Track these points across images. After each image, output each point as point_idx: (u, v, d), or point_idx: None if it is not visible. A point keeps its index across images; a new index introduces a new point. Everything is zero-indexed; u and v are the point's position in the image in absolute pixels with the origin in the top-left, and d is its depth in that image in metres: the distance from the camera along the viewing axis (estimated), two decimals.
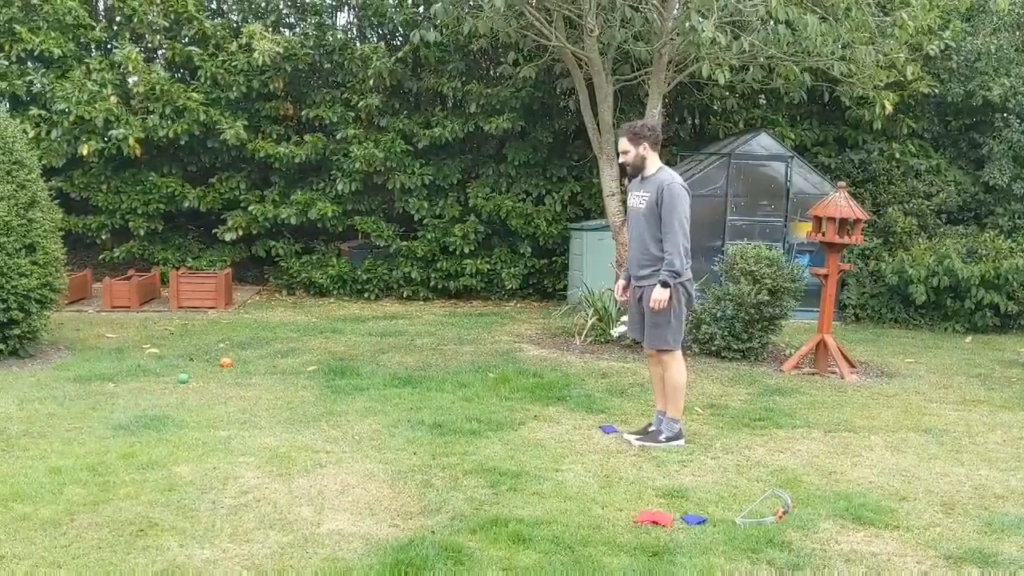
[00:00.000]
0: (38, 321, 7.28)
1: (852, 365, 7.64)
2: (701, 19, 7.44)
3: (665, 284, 5.04)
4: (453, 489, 4.38)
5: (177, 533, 3.76)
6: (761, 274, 7.67)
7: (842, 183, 7.84)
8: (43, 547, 3.59)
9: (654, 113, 8.87)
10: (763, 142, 10.64)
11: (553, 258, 11.80)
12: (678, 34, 8.29)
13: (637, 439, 5.29)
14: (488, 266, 11.59)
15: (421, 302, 11.66)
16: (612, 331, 8.26)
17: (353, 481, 4.47)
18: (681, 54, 8.74)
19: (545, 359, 7.73)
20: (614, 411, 6.03)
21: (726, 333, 7.84)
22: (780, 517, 4.15)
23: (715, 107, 11.87)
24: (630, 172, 5.34)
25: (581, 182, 11.79)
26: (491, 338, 8.79)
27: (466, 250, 11.43)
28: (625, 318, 8.16)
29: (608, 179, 9.17)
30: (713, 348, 7.93)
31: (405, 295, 11.77)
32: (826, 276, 7.62)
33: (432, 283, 11.72)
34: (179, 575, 3.37)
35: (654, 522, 4.05)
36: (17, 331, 7.08)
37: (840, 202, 7.43)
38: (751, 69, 9.33)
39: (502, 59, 10.95)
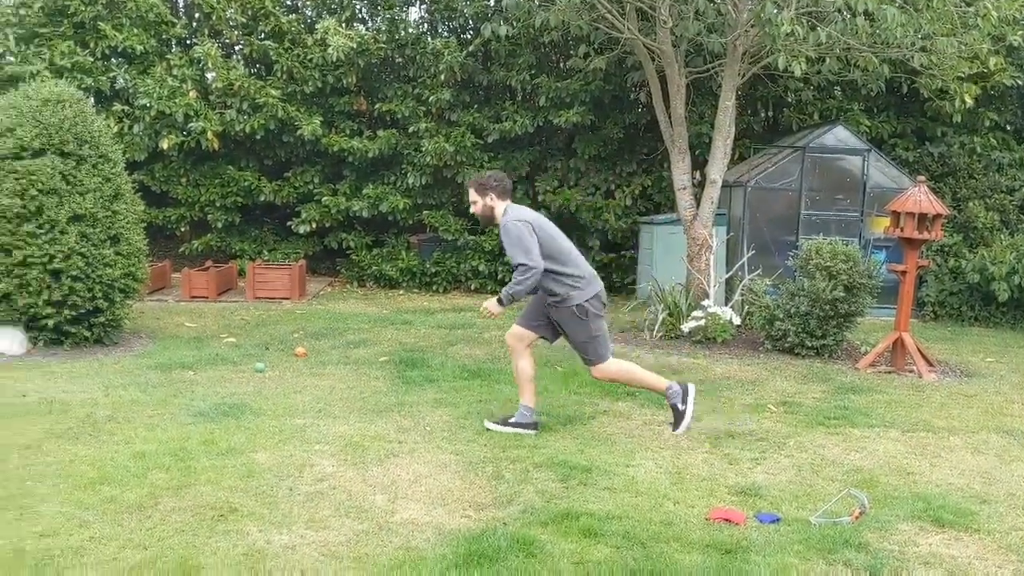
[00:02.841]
0: (121, 310, 7.53)
1: (930, 364, 7.46)
2: (777, 10, 7.32)
3: (500, 301, 5.13)
4: (524, 482, 4.41)
5: (256, 518, 3.86)
6: (837, 270, 7.52)
7: (921, 177, 7.65)
8: (130, 529, 3.71)
9: (727, 106, 8.76)
10: (839, 134, 10.43)
11: (622, 252, 11.74)
12: (752, 26, 8.17)
13: (676, 429, 5.37)
14: None
15: (489, 295, 11.68)
16: (683, 326, 8.19)
17: (425, 471, 4.53)
18: (756, 46, 8.60)
19: (615, 353, 7.68)
20: None
21: (800, 330, 7.71)
22: (856, 518, 4.08)
23: (789, 99, 11.67)
24: (482, 223, 5.36)
25: (651, 176, 11.72)
26: None
27: None
28: (696, 313, 8.11)
29: (680, 173, 9.09)
30: (786, 345, 7.81)
31: (473, 288, 11.84)
32: (904, 272, 7.44)
33: (500, 276, 11.77)
34: (259, 560, 3.46)
35: (727, 519, 4.02)
36: (102, 319, 7.33)
37: (919, 197, 7.24)
38: (827, 60, 9.14)
39: (572, 52, 10.92)
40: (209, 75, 11.49)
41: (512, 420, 5.32)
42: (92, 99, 9.90)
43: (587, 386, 6.42)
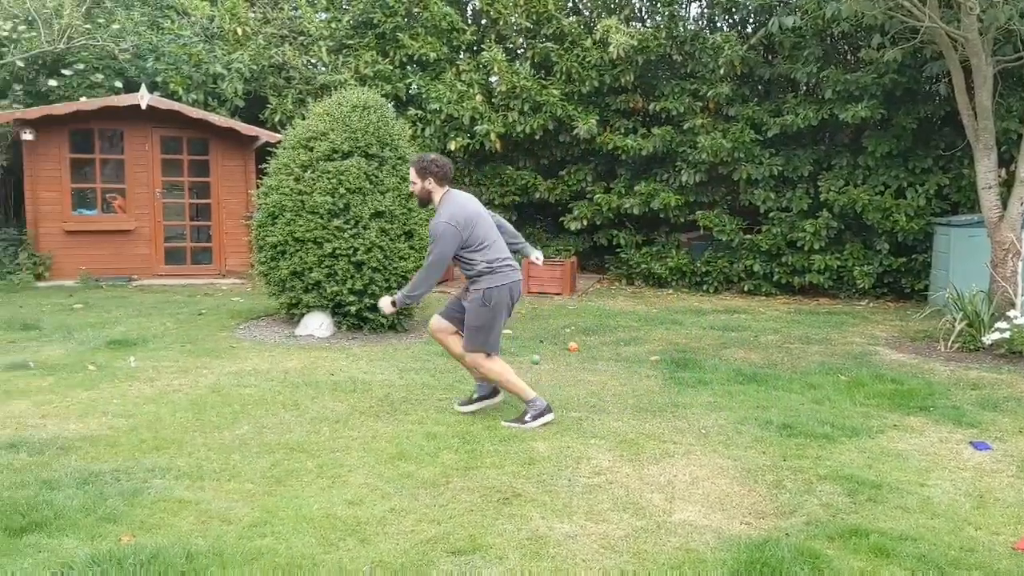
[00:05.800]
0: None
1: None
2: None
3: (394, 303, 5.23)
4: (807, 493, 4.24)
5: (538, 505, 4.01)
6: None
7: None
8: (424, 504, 3.99)
9: None
10: None
11: (913, 256, 10.93)
12: None
13: (508, 423, 5.24)
14: (838, 262, 11.02)
15: (763, 297, 11.37)
16: (984, 338, 7.50)
17: (702, 474, 4.49)
18: None
19: (904, 364, 7.20)
20: (987, 426, 5.47)
21: None
22: None
23: None
24: (419, 204, 5.50)
25: (949, 173, 10.80)
26: (842, 339, 8.36)
27: (815, 245, 10.96)
28: (1000, 324, 7.40)
29: (984, 170, 8.32)
30: None
31: (746, 289, 11.55)
32: None
33: (775, 278, 11.39)
34: (542, 545, 3.59)
35: None
36: None
37: None
38: None
39: (863, 43, 10.32)
40: (492, 79, 12.06)
41: (476, 397, 5.52)
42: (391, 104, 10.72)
43: (874, 398, 6.06)
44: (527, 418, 5.24)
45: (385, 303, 5.35)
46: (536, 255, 5.80)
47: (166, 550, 3.38)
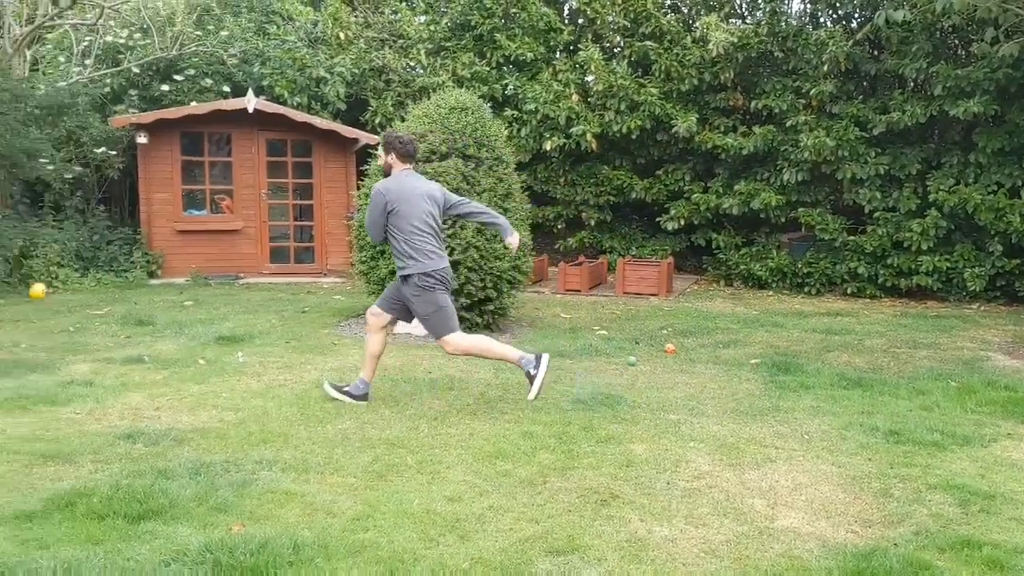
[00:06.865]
0: (507, 299, 8.15)
1: None
2: None
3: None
4: (915, 502, 4.10)
5: (636, 508, 3.99)
6: None
7: None
8: (522, 503, 4.01)
9: None
10: None
11: None
12: None
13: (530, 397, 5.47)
14: (948, 264, 10.61)
15: (867, 299, 11.04)
16: None
17: (805, 480, 4.39)
18: None
19: (1018, 371, 6.89)
20: None
21: None
22: None
23: None
24: (384, 176, 5.70)
25: None
26: (951, 343, 8.05)
27: (923, 246, 10.57)
28: None
29: None
30: None
31: (849, 291, 11.23)
32: None
33: (881, 280, 11.03)
34: (641, 548, 3.57)
35: None
36: (491, 307, 7.99)
37: None
38: None
39: (973, 36, 9.92)
40: (589, 78, 12.03)
41: (346, 389, 5.66)
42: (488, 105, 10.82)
43: (986, 405, 5.82)
44: (531, 371, 5.47)
45: None
46: (510, 240, 5.71)
47: (274, 540, 3.49)
